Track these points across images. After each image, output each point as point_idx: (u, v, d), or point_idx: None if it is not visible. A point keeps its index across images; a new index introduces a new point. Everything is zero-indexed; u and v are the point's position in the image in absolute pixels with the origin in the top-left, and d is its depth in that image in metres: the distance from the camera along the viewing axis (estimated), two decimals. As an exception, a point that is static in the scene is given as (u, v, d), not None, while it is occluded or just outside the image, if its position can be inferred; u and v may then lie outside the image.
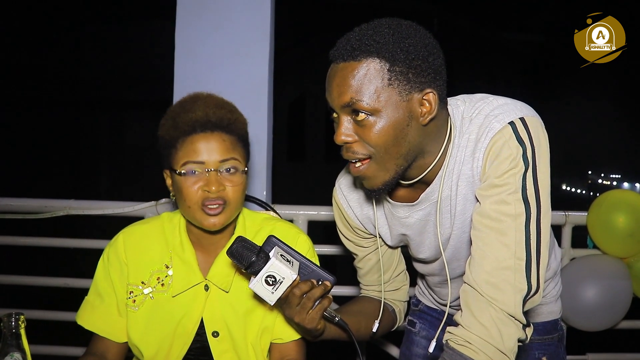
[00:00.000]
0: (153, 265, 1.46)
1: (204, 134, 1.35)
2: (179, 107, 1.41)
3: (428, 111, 1.18)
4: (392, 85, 1.15)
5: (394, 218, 1.42)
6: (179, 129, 1.36)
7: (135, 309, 1.44)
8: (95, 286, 1.49)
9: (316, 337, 1.39)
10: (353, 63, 1.16)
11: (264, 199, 2.25)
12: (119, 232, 1.51)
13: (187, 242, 1.46)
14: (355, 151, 1.21)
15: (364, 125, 1.17)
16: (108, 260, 1.48)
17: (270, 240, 1.30)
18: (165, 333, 1.43)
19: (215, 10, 2.30)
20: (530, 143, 1.16)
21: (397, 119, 1.16)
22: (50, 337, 2.43)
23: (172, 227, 1.48)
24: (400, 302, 1.63)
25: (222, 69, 2.30)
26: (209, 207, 1.35)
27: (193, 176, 1.34)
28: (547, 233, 1.17)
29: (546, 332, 1.56)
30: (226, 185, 1.36)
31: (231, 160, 1.37)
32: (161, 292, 1.44)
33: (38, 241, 2.50)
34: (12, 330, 1.11)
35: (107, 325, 1.46)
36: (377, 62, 1.15)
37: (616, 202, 2.27)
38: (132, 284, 1.45)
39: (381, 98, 1.15)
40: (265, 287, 1.22)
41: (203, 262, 1.47)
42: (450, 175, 1.27)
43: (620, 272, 2.23)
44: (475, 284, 1.15)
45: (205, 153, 1.34)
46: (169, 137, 1.38)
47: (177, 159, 1.36)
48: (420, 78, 1.16)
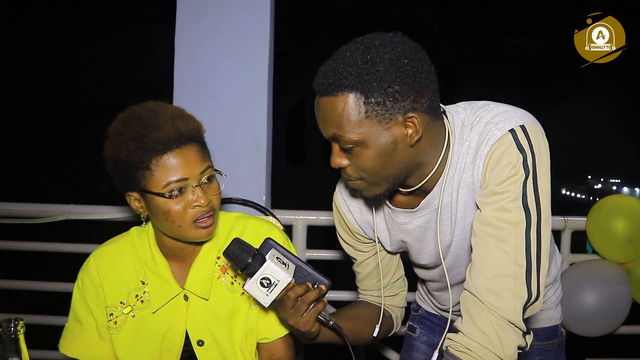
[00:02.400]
0: (129, 283, 1.44)
1: (179, 149, 1.30)
2: (140, 126, 1.30)
3: (414, 132, 1.17)
4: (369, 117, 1.15)
5: (393, 224, 1.42)
6: (149, 149, 1.28)
7: (117, 331, 1.42)
8: (73, 312, 1.47)
9: (310, 340, 1.39)
10: (331, 98, 1.16)
11: (263, 203, 2.25)
12: (90, 255, 1.48)
13: (158, 255, 1.43)
14: (349, 174, 1.24)
15: (352, 154, 1.20)
16: (83, 285, 1.45)
17: (267, 242, 1.30)
18: (153, 349, 1.42)
19: (215, 15, 2.30)
20: (530, 150, 1.16)
21: (382, 146, 1.17)
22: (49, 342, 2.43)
23: (141, 242, 1.46)
24: (397, 308, 1.62)
25: (221, 74, 2.30)
26: (200, 220, 1.33)
27: (181, 195, 1.31)
28: (547, 240, 1.17)
29: (546, 338, 1.56)
30: (211, 195, 1.35)
31: (208, 168, 1.35)
32: (142, 309, 1.42)
33: (38, 246, 2.50)
34: (11, 336, 1.11)
35: (89, 350, 1.44)
36: (352, 96, 1.14)
37: (615, 207, 2.28)
38: (110, 306, 1.43)
39: (362, 130, 1.15)
40: (260, 289, 1.23)
41: (178, 273, 1.44)
42: (451, 182, 1.27)
43: (620, 278, 2.23)
44: (475, 290, 1.15)
45: (186, 168, 1.30)
46: (137, 159, 1.29)
47: (154, 180, 1.29)
48: (399, 103, 1.15)
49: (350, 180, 1.26)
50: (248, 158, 2.29)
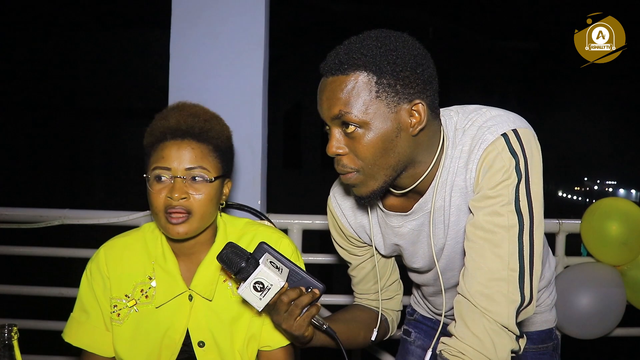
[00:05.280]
0: (136, 277, 1.45)
1: (175, 141, 1.36)
2: (159, 115, 1.43)
3: (418, 121, 1.19)
4: (379, 98, 1.16)
5: (387, 227, 1.42)
6: (153, 135, 1.39)
7: (120, 323, 1.43)
8: (80, 302, 1.48)
9: (304, 344, 1.39)
10: (341, 77, 1.17)
11: (258, 207, 2.25)
12: (101, 246, 1.50)
13: (169, 252, 1.45)
14: (345, 165, 1.22)
15: (353, 137, 1.19)
16: (91, 275, 1.47)
17: (261, 246, 1.31)
18: (152, 345, 1.42)
19: (210, 19, 2.30)
20: (523, 155, 1.17)
21: (386, 131, 1.17)
22: (44, 347, 2.42)
23: (153, 237, 1.48)
24: (393, 312, 1.63)
25: (216, 78, 2.30)
26: (171, 215, 1.35)
27: (160, 183, 1.36)
28: (540, 244, 1.17)
29: (541, 341, 1.56)
30: (190, 194, 1.36)
31: (198, 169, 1.36)
32: (145, 304, 1.43)
33: (33, 251, 2.50)
34: (5, 342, 1.11)
35: (94, 341, 1.45)
36: (364, 75, 1.16)
37: (609, 210, 2.28)
38: (115, 298, 1.44)
39: (369, 110, 1.16)
40: (254, 293, 1.23)
41: (186, 272, 1.46)
42: (444, 185, 1.27)
43: (614, 280, 2.23)
44: (468, 294, 1.16)
45: (174, 160, 1.35)
46: (146, 143, 1.41)
47: (148, 164, 1.38)
48: (408, 89, 1.17)
49: (345, 174, 1.24)
50: (243, 162, 2.29)
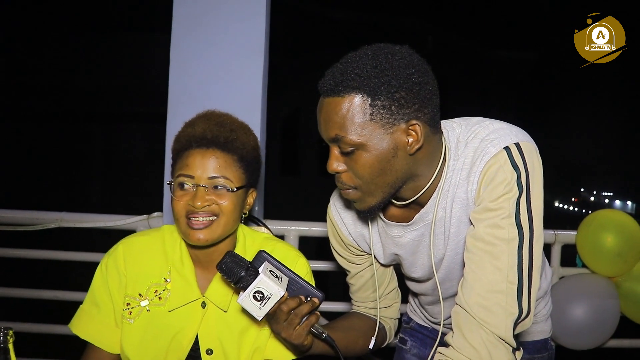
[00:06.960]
0: (152, 278, 1.44)
1: (199, 149, 1.37)
2: (187, 122, 1.45)
3: (415, 140, 1.19)
4: (374, 120, 1.16)
5: (387, 237, 1.42)
6: (179, 143, 1.41)
7: (131, 321, 1.42)
8: (92, 295, 1.47)
9: (303, 352, 1.39)
10: (337, 99, 1.17)
11: (255, 214, 2.25)
12: (119, 242, 1.50)
13: (187, 257, 1.45)
14: (344, 182, 1.24)
15: (351, 157, 1.20)
16: (107, 269, 1.46)
17: (260, 255, 1.31)
18: (160, 347, 1.42)
19: (210, 26, 2.31)
20: (524, 168, 1.17)
21: (382, 151, 1.18)
22: (40, 350, 2.42)
23: (172, 241, 1.47)
24: (391, 320, 1.63)
25: (216, 84, 2.31)
26: (193, 220, 1.35)
27: (182, 190, 1.36)
28: (539, 258, 1.18)
29: (536, 351, 1.56)
30: (214, 199, 1.36)
31: (221, 178, 1.36)
32: (158, 306, 1.43)
33: (29, 253, 2.49)
34: (0, 345, 1.11)
35: (102, 335, 1.44)
36: (359, 97, 1.16)
37: (605, 221, 2.29)
38: (129, 296, 1.44)
39: (364, 132, 1.16)
40: (253, 302, 1.23)
41: (202, 279, 1.46)
42: (445, 197, 1.28)
43: (609, 292, 2.24)
44: (467, 306, 1.16)
45: (198, 168, 1.35)
46: (173, 150, 1.43)
47: (174, 171, 1.40)
48: (404, 109, 1.16)
49: (345, 190, 1.25)
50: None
